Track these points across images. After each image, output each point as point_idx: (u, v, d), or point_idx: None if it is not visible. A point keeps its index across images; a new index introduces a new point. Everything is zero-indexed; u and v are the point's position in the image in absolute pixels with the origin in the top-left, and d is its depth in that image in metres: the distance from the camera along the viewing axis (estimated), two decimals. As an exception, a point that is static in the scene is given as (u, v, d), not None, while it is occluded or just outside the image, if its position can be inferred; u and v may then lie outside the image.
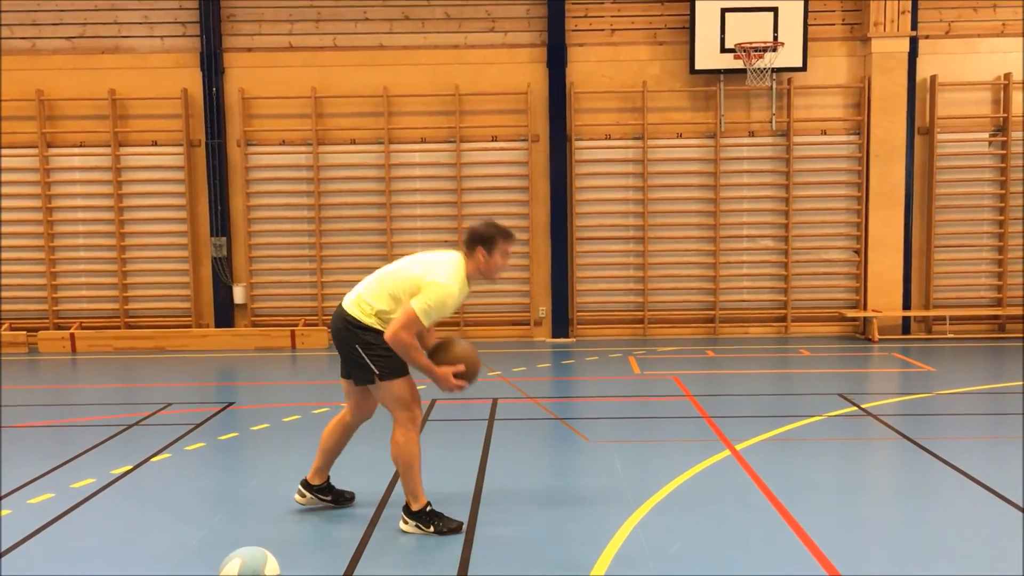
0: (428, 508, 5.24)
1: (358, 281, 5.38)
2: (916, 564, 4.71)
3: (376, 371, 5.13)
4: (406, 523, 5.25)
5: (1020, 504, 5.51)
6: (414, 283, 5.07)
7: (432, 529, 5.18)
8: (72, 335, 12.34)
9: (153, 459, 6.81)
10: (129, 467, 6.57)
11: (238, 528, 5.37)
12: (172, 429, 7.69)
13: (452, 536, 5.13)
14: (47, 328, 12.68)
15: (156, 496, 6.02)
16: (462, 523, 5.25)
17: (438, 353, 5.21)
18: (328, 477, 5.71)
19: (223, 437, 7.50)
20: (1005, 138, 12.43)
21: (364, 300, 5.18)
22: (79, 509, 5.68)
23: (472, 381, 5.24)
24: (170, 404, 8.76)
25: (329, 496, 5.69)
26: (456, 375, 5.14)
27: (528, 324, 12.86)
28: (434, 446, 7.13)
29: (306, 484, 5.67)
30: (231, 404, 8.80)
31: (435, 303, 5.01)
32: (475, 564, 4.75)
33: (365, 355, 5.13)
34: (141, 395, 9.77)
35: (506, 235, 5.25)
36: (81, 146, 12.73)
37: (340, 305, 5.28)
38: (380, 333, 5.10)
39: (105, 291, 12.91)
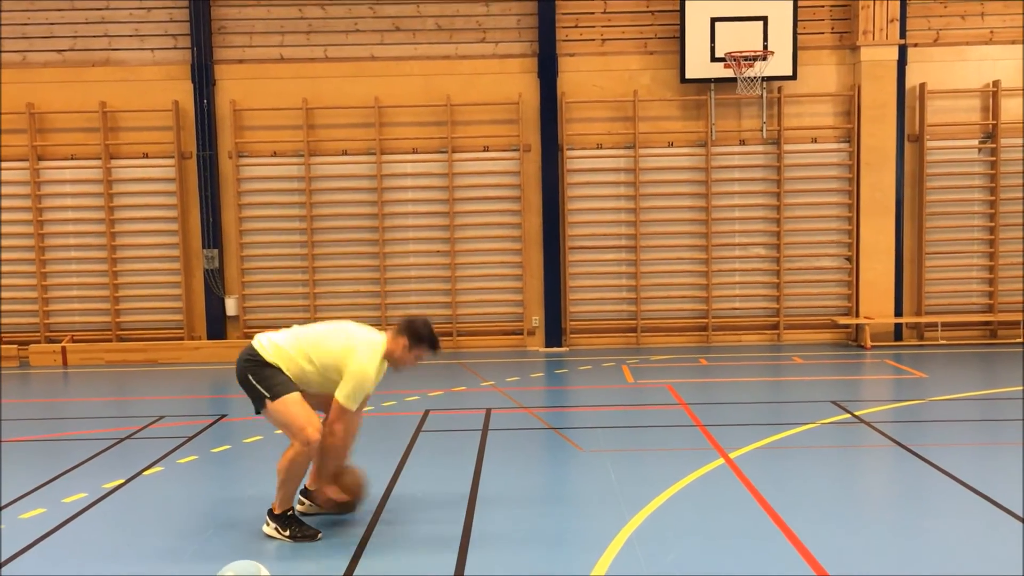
0: (290, 513, 5.36)
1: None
2: (910, 570, 4.71)
3: (267, 393, 5.25)
4: (267, 525, 5.39)
5: (1014, 510, 5.51)
6: (331, 355, 5.27)
7: (288, 533, 5.30)
8: (63, 348, 12.29)
9: (145, 472, 6.78)
10: (121, 481, 6.53)
11: (231, 541, 5.34)
12: (164, 442, 7.66)
13: (445, 546, 5.11)
14: (38, 341, 12.63)
15: (149, 510, 5.99)
16: (319, 531, 5.35)
17: (340, 477, 5.55)
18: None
19: (216, 450, 7.47)
20: (995, 145, 12.49)
21: (277, 345, 5.33)
22: (71, 524, 5.65)
23: (352, 507, 5.60)
24: (162, 417, 8.72)
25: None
26: (336, 501, 5.52)
27: (521, 334, 12.85)
28: (428, 456, 7.13)
29: (304, 491, 5.72)
30: (224, 416, 8.77)
31: (356, 387, 5.23)
32: (470, 568, 4.73)
33: (255, 380, 5.27)
34: (133, 408, 9.73)
35: (433, 346, 5.45)
36: (72, 159, 12.71)
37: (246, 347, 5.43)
38: (273, 368, 5.27)
39: (96, 304, 12.87)
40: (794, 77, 12.17)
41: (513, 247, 12.80)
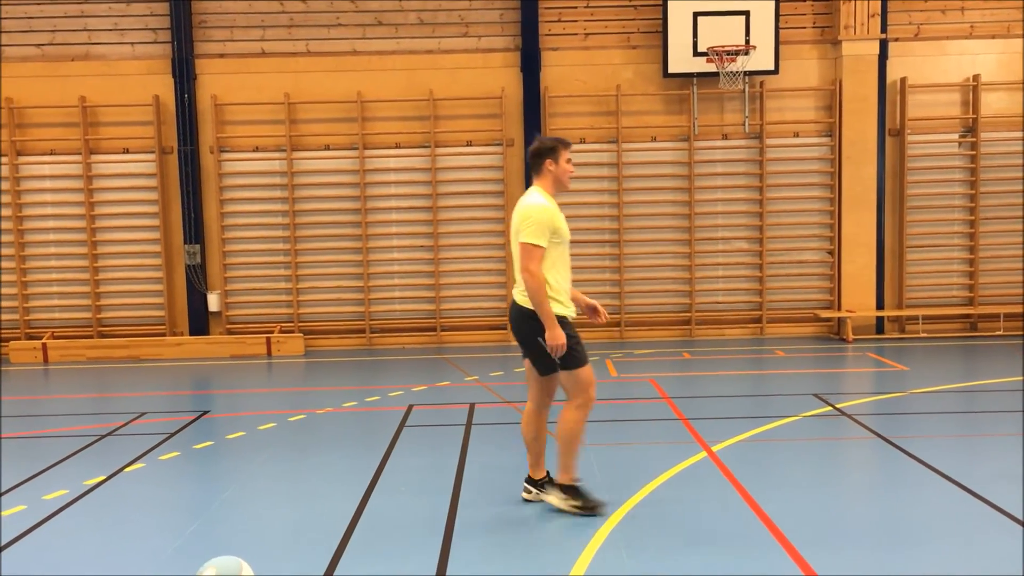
0: (576, 484, 5.48)
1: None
2: (890, 561, 4.75)
3: (560, 363, 5.39)
4: (550, 495, 5.57)
5: (993, 501, 5.56)
6: (517, 228, 5.35)
7: (579, 503, 5.45)
8: (44, 345, 12.20)
9: (127, 469, 6.74)
10: (102, 477, 6.50)
11: (213, 538, 5.33)
12: (146, 439, 7.63)
13: (428, 540, 5.11)
14: (18, 338, 12.53)
15: (130, 507, 5.96)
16: (604, 503, 5.48)
17: None
18: (547, 471, 5.75)
19: (198, 446, 7.44)
20: (974, 139, 12.57)
21: (518, 283, 5.45)
22: (51, 521, 5.61)
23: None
24: (144, 413, 8.68)
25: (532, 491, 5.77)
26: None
27: (505, 328, 12.85)
28: (412, 451, 7.13)
29: (530, 480, 5.75)
30: (206, 412, 8.74)
31: (536, 223, 5.28)
32: (452, 567, 4.73)
33: (548, 347, 5.34)
34: (114, 405, 9.68)
35: (565, 143, 5.57)
36: (51, 154, 12.61)
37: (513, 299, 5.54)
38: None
39: (77, 300, 12.78)
40: (776, 71, 12.20)
41: (496, 241, 12.79)
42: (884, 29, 12.34)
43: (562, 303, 5.41)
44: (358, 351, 12.48)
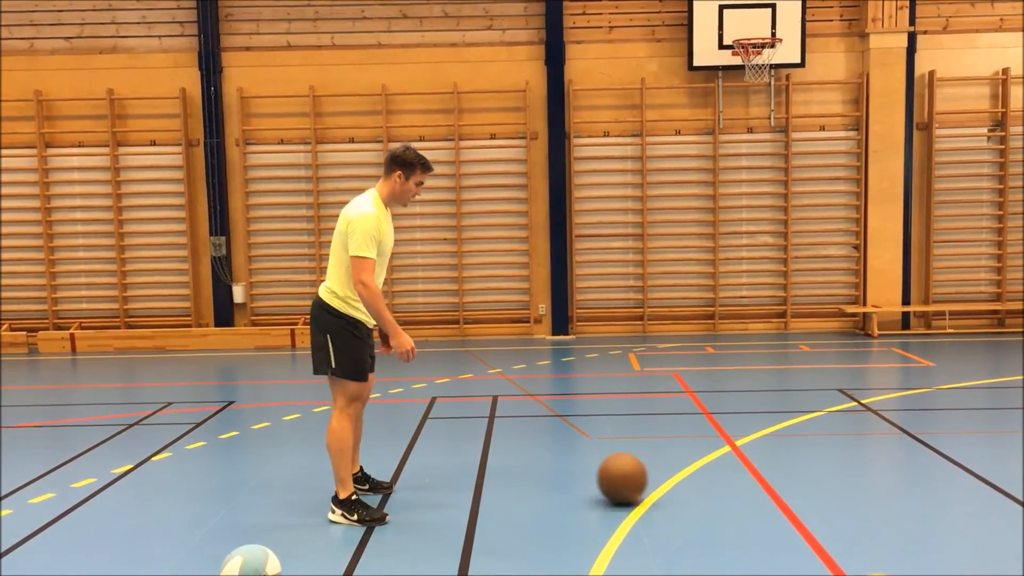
0: (354, 497, 5.33)
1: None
2: (916, 559, 4.72)
3: (334, 366, 5.25)
4: (333, 512, 5.36)
5: (1020, 498, 5.51)
6: (343, 235, 5.25)
7: (356, 518, 5.28)
8: (72, 335, 12.34)
9: (154, 458, 6.81)
10: (130, 466, 6.57)
11: (239, 527, 5.37)
12: (172, 428, 7.70)
13: (451, 532, 5.13)
14: (47, 328, 12.68)
15: (157, 495, 6.03)
16: (386, 514, 5.37)
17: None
18: (360, 465, 5.74)
19: (224, 436, 7.51)
20: (1004, 133, 12.43)
21: (329, 287, 5.34)
22: (80, 509, 5.68)
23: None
24: (170, 403, 8.76)
25: (366, 485, 5.75)
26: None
27: (528, 322, 12.86)
28: (435, 443, 7.16)
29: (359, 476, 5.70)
30: (231, 403, 8.81)
31: (363, 234, 5.14)
32: (475, 561, 4.75)
33: (332, 346, 5.24)
34: (141, 395, 9.77)
35: (426, 166, 5.38)
36: (80, 146, 12.73)
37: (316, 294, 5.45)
38: (349, 319, 5.24)
39: (105, 291, 12.91)
40: (802, 64, 12.11)
41: (520, 235, 12.79)
42: (912, 22, 12.22)
43: (364, 312, 5.27)
44: (381, 343, 12.51)
